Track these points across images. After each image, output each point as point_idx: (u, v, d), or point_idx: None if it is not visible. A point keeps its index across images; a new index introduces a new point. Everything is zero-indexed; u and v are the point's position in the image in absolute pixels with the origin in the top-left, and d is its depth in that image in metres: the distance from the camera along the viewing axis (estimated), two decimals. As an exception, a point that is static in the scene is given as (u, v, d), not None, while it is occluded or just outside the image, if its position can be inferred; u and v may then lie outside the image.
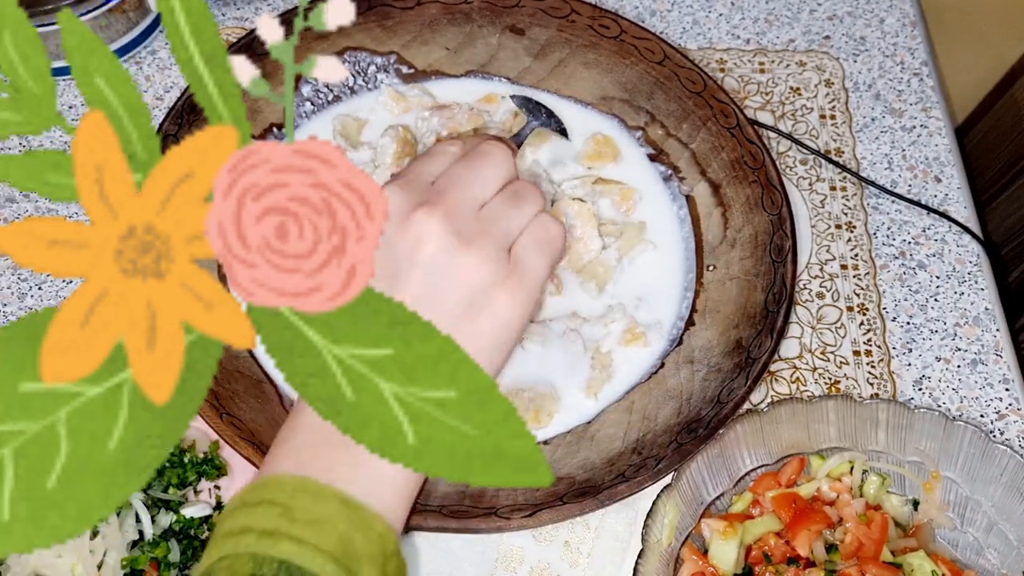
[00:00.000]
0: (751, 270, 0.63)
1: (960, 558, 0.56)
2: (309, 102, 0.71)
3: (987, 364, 0.67)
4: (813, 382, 0.66)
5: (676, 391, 0.60)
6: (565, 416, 0.60)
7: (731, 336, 0.61)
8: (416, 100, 0.72)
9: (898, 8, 0.88)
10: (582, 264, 0.65)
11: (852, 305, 0.70)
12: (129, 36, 0.78)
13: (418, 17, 0.73)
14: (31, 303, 0.66)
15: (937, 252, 0.73)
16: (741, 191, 0.66)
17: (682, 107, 0.70)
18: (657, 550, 0.52)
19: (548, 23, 0.73)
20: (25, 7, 0.29)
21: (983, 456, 0.56)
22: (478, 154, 0.48)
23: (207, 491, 0.58)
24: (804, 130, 0.79)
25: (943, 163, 0.78)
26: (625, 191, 0.69)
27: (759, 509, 0.56)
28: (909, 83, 0.83)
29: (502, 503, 0.53)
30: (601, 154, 0.70)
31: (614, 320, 0.63)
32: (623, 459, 0.56)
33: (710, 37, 0.85)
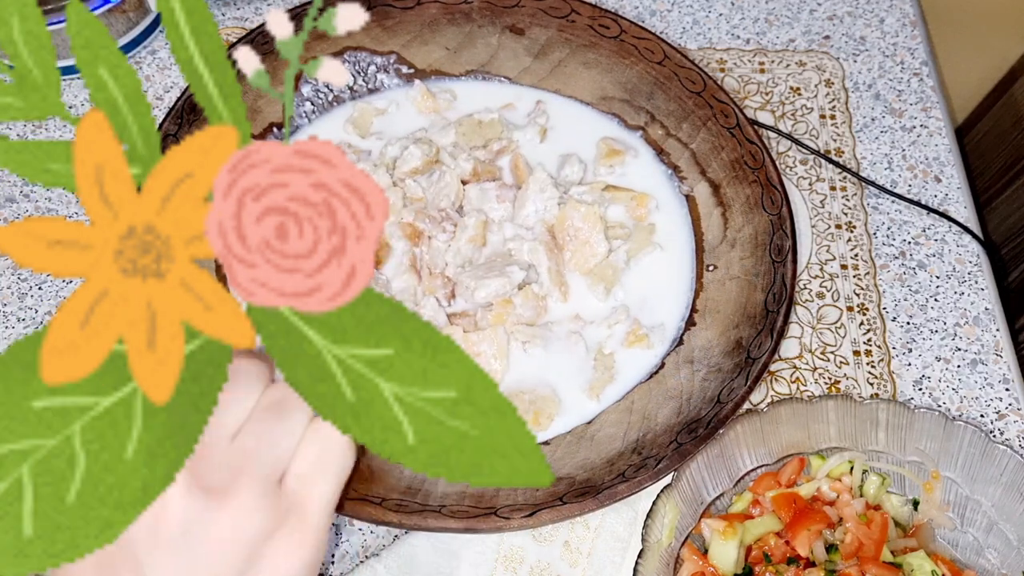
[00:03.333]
0: (751, 270, 0.63)
1: (960, 558, 0.56)
2: (309, 102, 0.71)
3: (987, 364, 0.67)
4: (813, 382, 0.66)
5: (676, 391, 0.60)
6: (566, 418, 0.60)
7: (731, 336, 0.61)
8: (445, 104, 0.73)
9: (898, 8, 0.88)
10: (589, 267, 0.65)
11: (852, 305, 0.70)
12: (129, 36, 0.78)
13: (418, 17, 0.73)
14: (31, 303, 0.66)
15: (937, 252, 0.73)
16: (741, 191, 0.66)
17: (682, 107, 0.70)
18: (657, 550, 0.52)
19: (548, 23, 0.73)
20: (26, 6, 0.29)
21: (983, 456, 0.56)
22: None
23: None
24: (804, 130, 0.79)
25: (943, 163, 0.78)
26: (638, 197, 0.69)
27: (759, 509, 0.56)
28: (909, 83, 0.83)
29: (502, 503, 0.53)
30: (614, 152, 0.70)
31: (617, 322, 0.63)
32: (623, 459, 0.56)
33: (710, 37, 0.85)
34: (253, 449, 0.35)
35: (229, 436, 0.35)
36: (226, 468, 0.34)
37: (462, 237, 0.65)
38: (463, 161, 0.68)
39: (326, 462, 0.36)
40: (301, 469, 0.35)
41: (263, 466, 0.35)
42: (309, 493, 0.35)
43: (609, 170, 0.70)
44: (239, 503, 0.33)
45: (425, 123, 0.72)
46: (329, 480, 0.36)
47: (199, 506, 0.32)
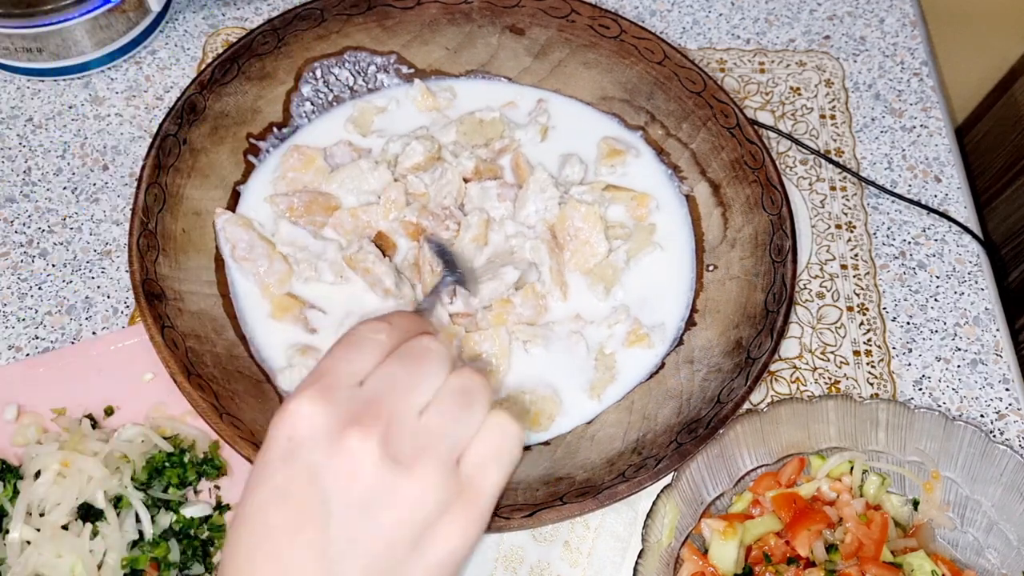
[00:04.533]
0: (751, 270, 0.63)
1: (960, 558, 0.56)
2: (309, 102, 0.71)
3: (987, 364, 0.67)
4: (813, 382, 0.66)
5: (676, 391, 0.60)
6: (566, 418, 0.60)
7: (731, 336, 0.61)
8: (445, 102, 0.73)
9: (898, 8, 0.88)
10: (589, 267, 0.65)
11: (852, 305, 0.70)
12: (129, 36, 0.78)
13: (418, 17, 0.73)
14: (31, 303, 0.66)
15: (937, 252, 0.73)
16: (741, 191, 0.66)
17: (682, 107, 0.70)
18: (657, 550, 0.52)
19: (548, 23, 0.73)
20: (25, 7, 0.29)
21: (983, 456, 0.56)
22: (414, 353, 0.40)
23: (207, 491, 0.58)
24: (804, 130, 0.79)
25: (943, 163, 0.78)
26: (639, 197, 0.69)
27: (759, 509, 0.56)
28: (909, 83, 0.83)
29: (502, 503, 0.53)
30: (616, 152, 0.70)
31: (618, 322, 0.63)
32: (623, 459, 0.56)
33: (710, 37, 0.85)
34: (439, 430, 0.38)
35: (417, 412, 0.38)
36: (412, 443, 0.37)
37: (465, 236, 0.65)
38: (465, 159, 0.68)
39: (502, 452, 0.39)
40: (479, 456, 0.39)
41: (447, 447, 0.38)
42: (484, 478, 0.39)
43: (610, 170, 0.70)
44: (423, 476, 0.37)
45: (426, 121, 0.72)
46: (503, 469, 0.39)
47: (388, 473, 0.36)
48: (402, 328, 0.41)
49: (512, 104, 0.74)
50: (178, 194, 0.63)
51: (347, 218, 0.66)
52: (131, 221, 0.59)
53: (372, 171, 0.67)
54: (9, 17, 0.71)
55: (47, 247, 0.69)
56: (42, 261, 0.69)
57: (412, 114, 0.73)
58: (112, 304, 0.67)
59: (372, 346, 0.40)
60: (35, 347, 0.65)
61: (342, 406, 0.37)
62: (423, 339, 0.41)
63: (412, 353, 0.40)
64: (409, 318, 0.42)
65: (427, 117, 0.73)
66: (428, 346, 0.40)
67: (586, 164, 0.70)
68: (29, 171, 0.73)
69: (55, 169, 0.73)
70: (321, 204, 0.66)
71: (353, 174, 0.67)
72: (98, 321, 0.66)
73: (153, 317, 0.55)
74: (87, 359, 0.62)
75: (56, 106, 0.77)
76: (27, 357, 0.64)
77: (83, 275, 0.68)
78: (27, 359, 0.64)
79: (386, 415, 0.37)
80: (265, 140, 0.69)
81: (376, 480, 0.36)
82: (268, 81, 0.69)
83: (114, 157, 0.74)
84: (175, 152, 0.63)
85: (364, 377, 0.39)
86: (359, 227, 0.66)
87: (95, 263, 0.69)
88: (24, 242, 0.69)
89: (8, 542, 0.53)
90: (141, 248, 0.58)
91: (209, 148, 0.66)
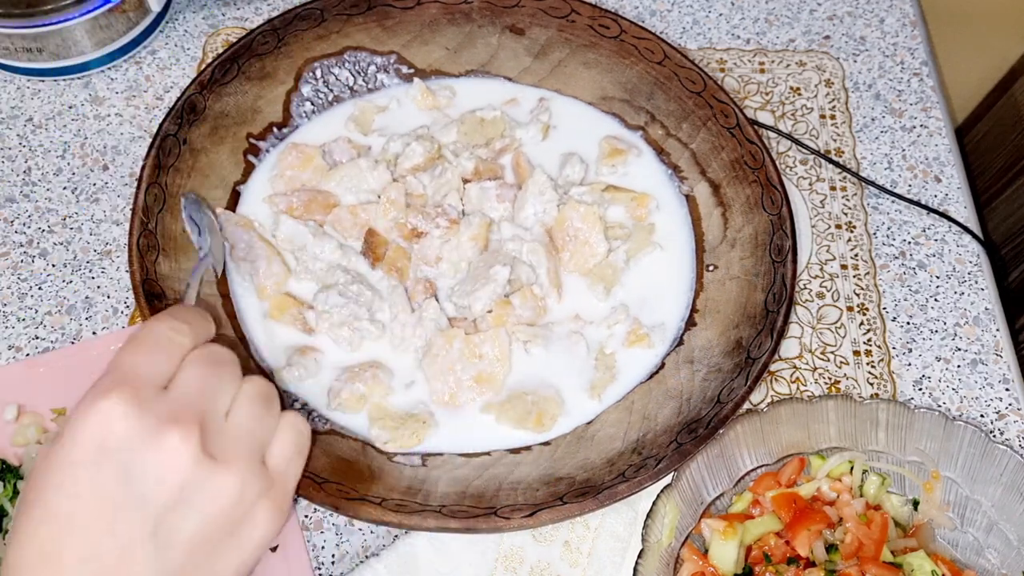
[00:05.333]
0: (751, 270, 0.63)
1: (960, 558, 0.56)
2: (309, 102, 0.71)
3: (987, 364, 0.67)
4: (813, 382, 0.66)
5: (676, 391, 0.60)
6: (567, 419, 0.60)
7: (731, 336, 0.61)
8: (445, 100, 0.73)
9: (898, 8, 0.88)
10: (588, 267, 0.65)
11: (852, 305, 0.70)
12: (129, 36, 0.78)
13: (418, 17, 0.73)
14: (31, 303, 0.66)
15: (937, 252, 0.73)
16: (741, 191, 0.66)
17: (682, 107, 0.70)
18: (657, 550, 0.52)
19: (548, 23, 0.73)
20: (25, 6, 0.29)
21: (983, 456, 0.56)
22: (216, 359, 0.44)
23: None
24: (804, 130, 0.79)
25: (943, 163, 0.78)
26: (639, 197, 0.68)
27: (759, 509, 0.56)
28: (909, 83, 0.83)
29: (502, 503, 0.53)
30: (617, 151, 0.70)
31: (618, 322, 0.63)
32: (623, 459, 0.56)
33: (710, 37, 0.85)
34: (246, 429, 0.43)
35: (223, 415, 0.43)
36: (224, 441, 0.41)
37: (465, 234, 0.64)
38: (465, 159, 0.68)
39: (301, 448, 0.46)
40: (283, 452, 0.45)
41: (257, 445, 0.43)
42: (288, 472, 0.45)
43: (611, 169, 0.70)
44: (239, 471, 0.41)
45: (427, 120, 0.72)
46: (300, 462, 0.46)
47: (206, 469, 0.40)
48: (198, 330, 0.45)
49: (514, 101, 0.74)
50: (178, 194, 0.63)
51: (346, 215, 0.66)
52: (131, 221, 0.59)
53: (371, 170, 0.67)
54: (9, 17, 0.71)
55: (47, 247, 0.69)
56: (42, 261, 0.69)
57: (413, 113, 0.73)
58: (112, 304, 0.67)
59: (173, 348, 0.43)
60: (35, 347, 0.65)
61: (155, 407, 0.40)
62: (215, 347, 0.45)
63: (213, 360, 0.44)
64: (201, 319, 0.46)
65: (428, 116, 0.73)
66: (224, 354, 0.45)
67: (587, 164, 0.70)
68: (29, 171, 0.73)
69: (55, 169, 0.73)
70: (320, 202, 0.66)
71: (352, 173, 0.67)
72: (98, 321, 0.66)
73: (153, 317, 0.55)
74: (87, 359, 0.62)
75: (56, 106, 0.77)
76: (27, 357, 0.64)
77: (83, 275, 0.68)
78: (27, 359, 0.64)
79: (199, 416, 0.41)
80: (265, 140, 0.69)
81: (195, 475, 0.39)
82: (268, 81, 0.69)
83: (114, 157, 0.74)
84: (175, 152, 0.63)
85: (167, 378, 0.42)
86: (358, 225, 0.66)
87: (95, 263, 0.69)
88: (24, 242, 0.69)
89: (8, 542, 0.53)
90: (141, 248, 0.58)
91: (209, 148, 0.66)
